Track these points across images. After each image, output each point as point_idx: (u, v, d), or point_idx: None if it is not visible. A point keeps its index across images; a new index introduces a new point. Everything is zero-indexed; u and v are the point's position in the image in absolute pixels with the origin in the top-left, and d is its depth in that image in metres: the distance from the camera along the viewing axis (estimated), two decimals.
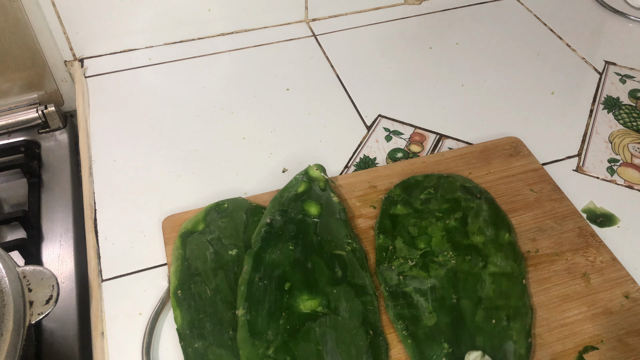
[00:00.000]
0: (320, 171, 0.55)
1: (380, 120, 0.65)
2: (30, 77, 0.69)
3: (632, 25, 0.80)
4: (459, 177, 0.56)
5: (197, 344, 0.43)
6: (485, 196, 0.54)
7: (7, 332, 0.39)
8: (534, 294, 0.48)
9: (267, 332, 0.43)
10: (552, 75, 0.72)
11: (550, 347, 0.44)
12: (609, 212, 0.55)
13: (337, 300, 0.45)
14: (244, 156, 0.61)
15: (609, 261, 0.50)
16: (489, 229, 0.51)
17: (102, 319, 0.47)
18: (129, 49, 0.75)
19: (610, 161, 0.61)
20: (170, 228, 0.52)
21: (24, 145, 0.65)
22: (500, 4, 0.84)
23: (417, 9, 0.83)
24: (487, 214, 0.52)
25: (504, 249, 0.49)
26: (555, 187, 0.56)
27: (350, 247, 0.49)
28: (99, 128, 0.64)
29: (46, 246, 0.56)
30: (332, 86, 0.70)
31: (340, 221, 0.51)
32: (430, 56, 0.75)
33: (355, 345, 0.43)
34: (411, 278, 0.47)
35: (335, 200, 0.53)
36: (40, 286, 0.43)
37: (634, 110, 0.67)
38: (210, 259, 0.48)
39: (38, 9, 0.66)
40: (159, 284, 0.49)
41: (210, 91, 0.69)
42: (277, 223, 0.50)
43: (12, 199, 0.62)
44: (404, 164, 0.59)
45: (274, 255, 0.47)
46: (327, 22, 0.80)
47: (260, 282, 0.45)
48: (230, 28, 0.78)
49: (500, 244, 0.50)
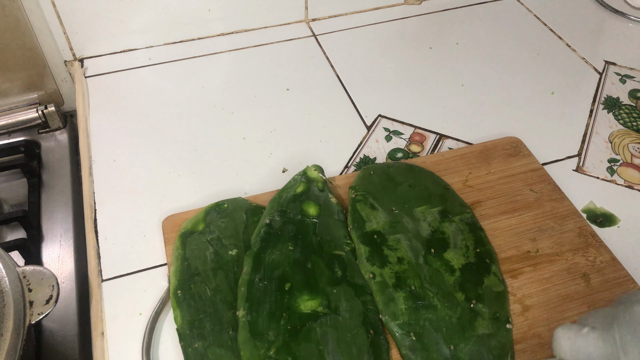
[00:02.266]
0: (318, 172, 0.55)
1: (380, 120, 0.65)
2: (30, 77, 0.69)
3: (632, 25, 0.80)
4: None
5: (197, 344, 0.43)
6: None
7: (7, 332, 0.39)
8: (534, 294, 0.48)
9: (268, 332, 0.43)
10: (552, 75, 0.72)
11: (551, 347, 0.44)
12: (609, 212, 0.55)
13: (337, 300, 0.45)
14: (244, 156, 0.61)
15: (609, 261, 0.50)
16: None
17: (102, 319, 0.47)
18: (129, 49, 0.75)
19: (610, 161, 0.61)
20: (170, 228, 0.52)
21: (24, 145, 0.65)
22: (500, 4, 0.84)
23: (417, 9, 0.83)
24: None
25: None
26: (555, 187, 0.56)
27: (349, 247, 0.49)
28: (99, 128, 0.64)
29: (46, 246, 0.56)
30: (332, 86, 0.70)
31: (339, 222, 0.51)
32: (430, 56, 0.75)
33: (356, 345, 0.43)
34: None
35: (333, 201, 0.53)
36: (40, 286, 0.43)
37: (634, 110, 0.67)
38: (210, 259, 0.48)
39: (38, 9, 0.66)
40: (159, 284, 0.49)
41: (210, 91, 0.69)
42: (277, 224, 0.50)
43: (12, 199, 0.62)
44: None
45: (273, 256, 0.47)
46: (327, 22, 0.80)
47: (261, 283, 0.45)
48: (230, 28, 0.78)
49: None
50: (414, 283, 0.47)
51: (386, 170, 0.56)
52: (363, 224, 0.51)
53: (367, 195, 0.53)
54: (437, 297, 0.46)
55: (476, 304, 0.46)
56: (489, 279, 0.48)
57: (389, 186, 0.54)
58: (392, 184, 0.54)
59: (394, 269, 0.48)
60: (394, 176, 0.55)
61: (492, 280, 0.48)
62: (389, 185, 0.54)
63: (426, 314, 0.45)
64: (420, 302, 0.46)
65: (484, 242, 0.51)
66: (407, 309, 0.45)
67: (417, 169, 0.57)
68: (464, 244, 0.50)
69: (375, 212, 0.52)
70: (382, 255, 0.48)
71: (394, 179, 0.55)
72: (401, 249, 0.49)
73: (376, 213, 0.52)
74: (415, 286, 0.47)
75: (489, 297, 0.47)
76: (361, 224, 0.51)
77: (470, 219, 0.52)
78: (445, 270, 0.48)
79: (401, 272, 0.48)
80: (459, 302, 0.46)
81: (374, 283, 0.47)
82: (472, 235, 0.51)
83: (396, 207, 0.52)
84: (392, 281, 0.47)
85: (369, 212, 0.52)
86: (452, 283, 0.47)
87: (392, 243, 0.49)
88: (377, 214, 0.51)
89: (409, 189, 0.54)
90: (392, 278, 0.47)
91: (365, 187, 0.54)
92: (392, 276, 0.47)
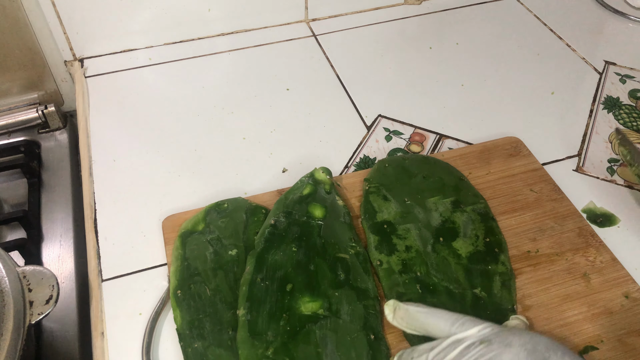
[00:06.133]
0: (326, 174, 0.55)
1: (380, 120, 0.65)
2: (30, 77, 0.69)
3: (632, 25, 0.80)
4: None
5: (197, 344, 0.43)
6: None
7: (7, 332, 0.39)
8: (534, 294, 0.48)
9: (267, 332, 0.43)
10: (552, 75, 0.72)
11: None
12: (609, 212, 0.55)
13: (338, 303, 0.45)
14: (244, 156, 0.61)
15: (609, 261, 0.50)
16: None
17: (102, 319, 0.47)
18: (129, 49, 0.75)
19: (610, 161, 0.61)
20: (170, 228, 0.52)
21: (24, 145, 0.65)
22: (500, 4, 0.84)
23: (417, 9, 0.83)
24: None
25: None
26: (555, 187, 0.56)
27: (354, 250, 0.49)
28: (99, 128, 0.64)
29: (46, 246, 0.56)
30: (332, 86, 0.70)
31: (345, 224, 0.51)
32: (430, 56, 0.75)
33: (355, 349, 0.43)
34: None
35: (340, 203, 0.53)
36: (40, 286, 0.43)
37: (634, 110, 0.67)
38: (210, 259, 0.48)
39: (38, 9, 0.66)
40: (159, 284, 0.49)
41: (210, 91, 0.69)
42: (281, 224, 0.50)
43: (12, 199, 0.62)
44: None
45: (276, 257, 0.47)
46: (327, 22, 0.80)
47: (262, 283, 0.45)
48: (230, 28, 0.78)
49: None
50: (420, 270, 0.48)
51: (401, 163, 0.57)
52: (374, 215, 0.52)
53: (380, 187, 0.54)
54: (442, 283, 0.47)
55: (481, 291, 0.47)
56: (496, 268, 0.48)
57: (403, 178, 0.55)
58: (406, 176, 0.55)
59: (401, 257, 0.49)
60: (409, 168, 0.56)
61: (499, 269, 0.48)
62: (403, 177, 0.55)
63: (431, 298, 0.46)
64: (425, 287, 0.47)
65: (495, 231, 0.51)
66: (412, 293, 0.46)
67: (432, 161, 0.58)
68: (474, 234, 0.51)
69: (388, 203, 0.53)
70: (391, 244, 0.49)
71: (408, 171, 0.56)
72: (410, 238, 0.50)
73: (388, 204, 0.52)
74: (421, 272, 0.48)
75: (495, 285, 0.47)
76: (372, 214, 0.52)
77: (483, 209, 0.53)
78: (452, 258, 0.49)
79: (408, 259, 0.49)
80: (464, 288, 0.47)
81: (381, 270, 0.48)
82: (483, 225, 0.52)
83: (409, 198, 0.53)
84: (399, 268, 0.48)
85: (381, 203, 0.53)
86: (458, 270, 0.48)
87: (401, 232, 0.50)
88: (388, 205, 0.52)
89: (423, 180, 0.55)
90: (398, 265, 0.48)
91: (379, 179, 0.55)
92: (398, 263, 0.48)
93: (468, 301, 0.46)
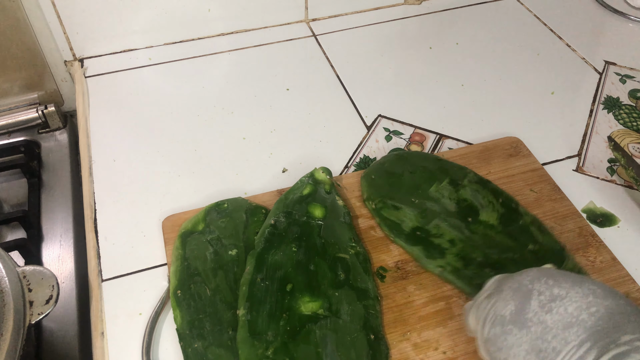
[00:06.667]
0: (326, 174, 0.55)
1: (380, 120, 0.65)
2: (30, 77, 0.69)
3: (632, 25, 0.80)
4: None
5: (197, 344, 0.43)
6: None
7: (7, 332, 0.39)
8: None
9: (267, 332, 0.43)
10: (552, 75, 0.72)
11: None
12: (609, 212, 0.55)
13: (338, 303, 0.45)
14: (244, 156, 0.61)
15: (609, 261, 0.50)
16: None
17: (102, 319, 0.47)
18: (129, 49, 0.75)
19: (610, 161, 0.61)
20: (170, 228, 0.52)
21: (24, 145, 0.65)
22: (500, 4, 0.84)
23: (417, 9, 0.83)
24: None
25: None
26: (555, 187, 0.56)
27: (354, 250, 0.49)
28: (99, 128, 0.64)
29: (46, 246, 0.56)
30: (332, 86, 0.70)
31: (345, 224, 0.51)
32: (430, 56, 0.75)
33: (355, 349, 0.43)
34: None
35: (340, 203, 0.53)
36: (40, 286, 0.43)
37: (634, 110, 0.67)
38: (210, 259, 0.48)
39: (38, 9, 0.66)
40: (159, 284, 0.49)
41: (210, 91, 0.69)
42: (281, 224, 0.50)
43: (12, 199, 0.62)
44: None
45: (276, 257, 0.47)
46: (327, 22, 0.80)
47: (262, 283, 0.45)
48: (230, 28, 0.78)
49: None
50: (477, 255, 0.49)
51: (382, 168, 0.56)
52: (399, 226, 0.51)
53: (384, 199, 0.53)
54: (502, 256, 0.48)
55: (532, 245, 0.49)
56: (525, 219, 0.51)
57: (393, 182, 0.55)
58: (395, 178, 0.55)
59: (454, 252, 0.49)
60: (392, 170, 0.56)
61: (527, 219, 0.51)
62: (393, 180, 0.55)
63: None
64: (493, 267, 0.48)
65: (499, 190, 0.54)
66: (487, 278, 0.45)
67: (405, 155, 0.58)
68: (487, 201, 0.52)
69: (401, 210, 0.52)
70: (436, 246, 0.50)
71: (394, 173, 0.56)
72: (445, 232, 0.50)
73: (402, 211, 0.52)
74: (480, 257, 0.48)
75: (536, 233, 0.50)
76: (397, 227, 0.51)
77: (476, 177, 0.54)
78: (490, 230, 0.50)
79: (461, 252, 0.49)
80: (520, 250, 0.49)
81: (448, 274, 0.48)
82: (487, 190, 0.53)
83: (412, 197, 0.53)
84: (460, 264, 0.48)
85: (396, 213, 0.52)
86: (503, 239, 0.50)
87: (434, 231, 0.51)
88: (403, 212, 0.52)
89: (411, 175, 0.55)
90: (458, 262, 0.48)
91: (377, 193, 0.54)
92: (457, 260, 0.49)
93: (529, 260, 0.48)
